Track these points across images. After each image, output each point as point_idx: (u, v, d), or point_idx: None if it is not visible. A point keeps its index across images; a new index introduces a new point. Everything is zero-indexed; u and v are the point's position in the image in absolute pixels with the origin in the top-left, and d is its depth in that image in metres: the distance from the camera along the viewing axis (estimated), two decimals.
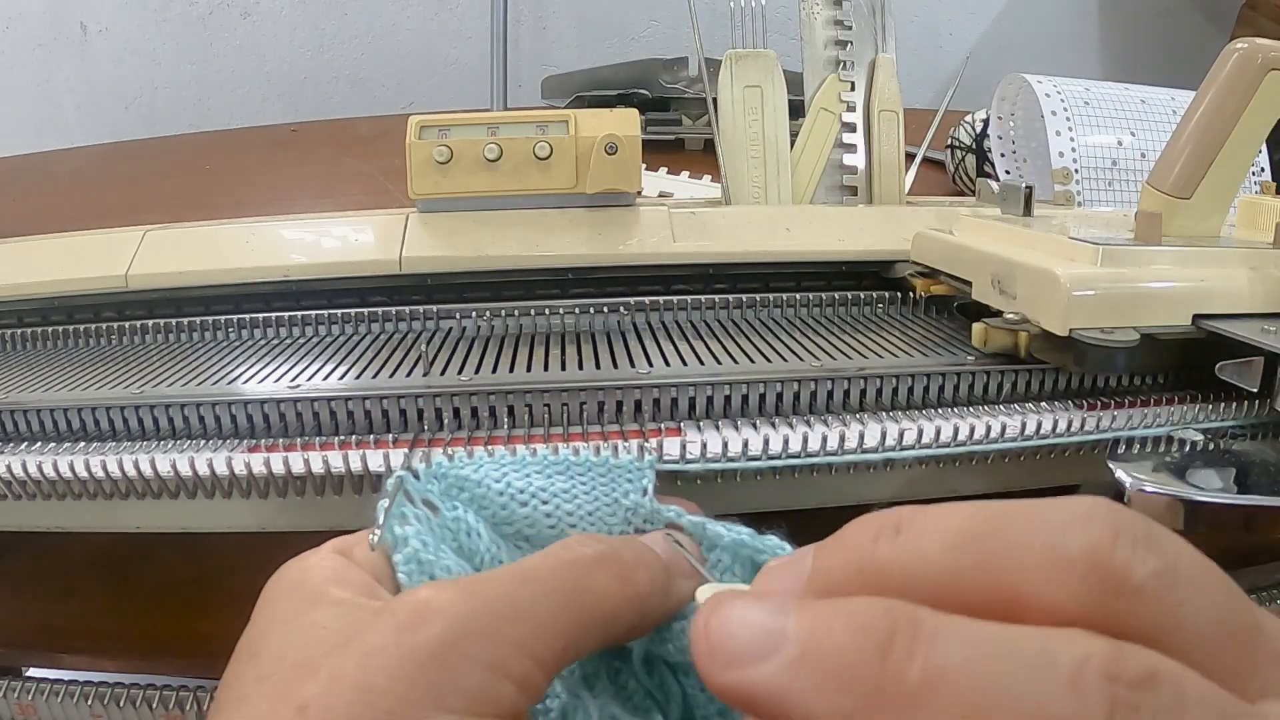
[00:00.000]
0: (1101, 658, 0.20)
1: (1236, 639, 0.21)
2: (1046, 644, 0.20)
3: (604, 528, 0.35)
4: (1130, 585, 0.21)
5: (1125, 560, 0.21)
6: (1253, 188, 0.90)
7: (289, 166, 1.40)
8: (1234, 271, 0.52)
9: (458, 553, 0.32)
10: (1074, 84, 0.98)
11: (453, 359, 0.55)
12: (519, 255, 0.66)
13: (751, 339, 0.58)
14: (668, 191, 1.10)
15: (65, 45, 1.84)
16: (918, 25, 1.99)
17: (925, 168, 0.89)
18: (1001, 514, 0.22)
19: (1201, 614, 0.21)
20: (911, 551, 0.23)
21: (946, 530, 0.22)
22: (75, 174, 1.41)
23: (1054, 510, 0.22)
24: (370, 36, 1.89)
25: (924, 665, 0.20)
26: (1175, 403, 0.52)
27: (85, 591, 0.58)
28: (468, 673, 0.24)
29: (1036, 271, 0.51)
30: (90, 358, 0.59)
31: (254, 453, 0.45)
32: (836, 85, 0.78)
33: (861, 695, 0.20)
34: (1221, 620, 0.21)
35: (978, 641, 0.20)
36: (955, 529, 0.22)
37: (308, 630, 0.26)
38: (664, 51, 1.47)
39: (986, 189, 0.73)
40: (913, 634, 0.21)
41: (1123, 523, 0.21)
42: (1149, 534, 0.21)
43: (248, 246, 0.67)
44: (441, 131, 0.67)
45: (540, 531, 0.35)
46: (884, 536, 0.23)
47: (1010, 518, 0.22)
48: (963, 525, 0.22)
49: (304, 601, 0.28)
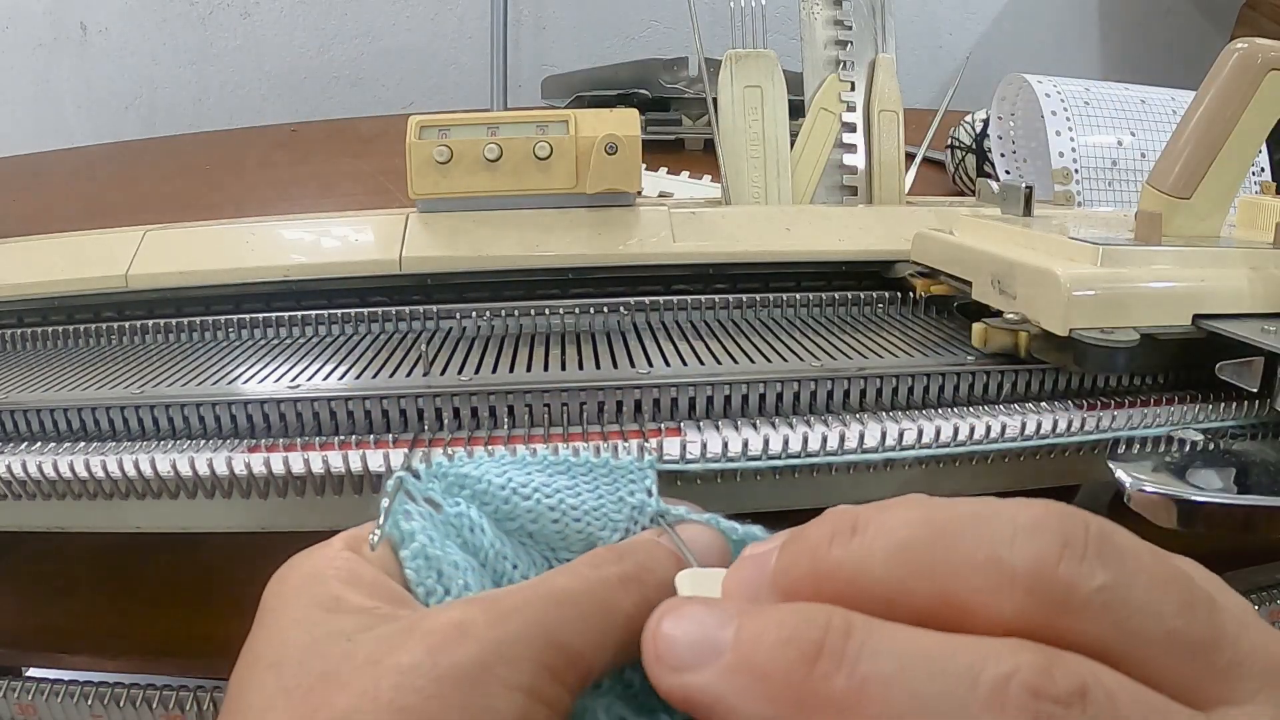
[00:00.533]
0: (1029, 672, 0.20)
1: (1191, 649, 0.21)
2: (975, 658, 0.20)
3: (609, 524, 0.35)
4: (1074, 600, 0.21)
5: (1069, 575, 0.21)
6: (1253, 188, 0.90)
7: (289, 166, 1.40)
8: (1234, 271, 0.52)
9: (462, 548, 0.32)
10: (1074, 84, 0.98)
11: (453, 359, 0.55)
12: (519, 255, 0.66)
13: (751, 339, 0.58)
14: (668, 191, 1.10)
15: (65, 45, 1.84)
16: (918, 25, 1.99)
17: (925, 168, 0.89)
18: (951, 520, 0.22)
19: (1152, 626, 0.21)
20: (862, 557, 0.23)
21: (896, 536, 0.23)
22: (75, 174, 1.41)
23: (1002, 519, 0.22)
24: (370, 37, 1.90)
25: (849, 677, 0.21)
26: (1175, 403, 0.52)
27: (85, 591, 0.58)
28: (501, 695, 0.24)
29: (1036, 271, 0.51)
30: (90, 358, 0.59)
31: (254, 453, 0.45)
32: (836, 85, 0.78)
33: (789, 705, 0.21)
34: (1175, 631, 0.21)
35: (905, 654, 0.21)
36: (904, 537, 0.23)
37: (332, 640, 0.26)
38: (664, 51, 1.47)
39: (986, 189, 0.73)
40: (841, 645, 0.21)
41: (1072, 533, 0.21)
42: (1101, 545, 0.21)
43: (248, 246, 0.67)
44: (442, 131, 0.67)
45: (544, 526, 0.35)
46: (839, 539, 0.23)
47: (959, 525, 0.22)
48: (912, 533, 0.23)
49: (321, 606, 0.27)
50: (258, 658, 0.27)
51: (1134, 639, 0.21)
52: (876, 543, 0.23)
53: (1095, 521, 0.22)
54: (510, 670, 0.24)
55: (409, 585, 0.30)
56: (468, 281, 0.66)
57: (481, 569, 0.32)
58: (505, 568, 0.33)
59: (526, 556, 0.34)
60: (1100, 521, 0.22)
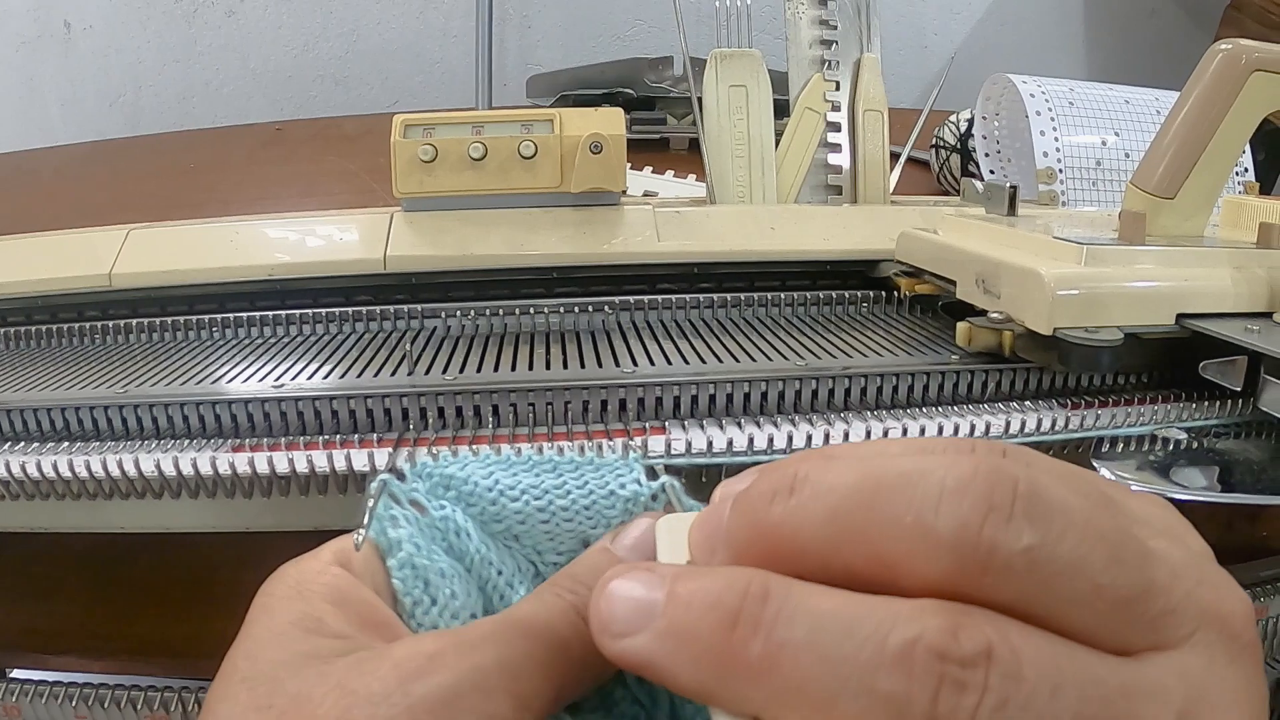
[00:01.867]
0: (934, 635, 0.20)
1: (1120, 602, 0.22)
2: (883, 622, 0.21)
3: (602, 520, 0.35)
4: (997, 562, 0.21)
5: (992, 538, 0.21)
6: (1236, 188, 0.91)
7: (273, 165, 1.40)
8: (1218, 271, 0.52)
9: (448, 553, 0.32)
10: (1058, 84, 0.98)
11: (437, 358, 0.55)
12: (504, 254, 0.66)
13: (736, 338, 0.58)
14: (652, 191, 1.10)
15: (49, 43, 1.84)
16: (903, 25, 1.99)
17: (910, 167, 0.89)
18: (882, 481, 0.23)
19: (1080, 582, 0.21)
20: (799, 518, 0.23)
21: (828, 500, 0.23)
22: (59, 173, 1.40)
23: (932, 480, 0.22)
24: (355, 35, 1.89)
25: (765, 641, 0.21)
26: (1159, 402, 0.52)
27: (70, 592, 0.57)
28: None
29: (1021, 271, 0.51)
30: (74, 357, 0.58)
31: (238, 452, 0.45)
32: (821, 85, 0.78)
33: (712, 667, 0.22)
34: (1103, 586, 0.21)
35: (817, 619, 0.21)
36: (836, 500, 0.23)
37: (307, 662, 0.26)
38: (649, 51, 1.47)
39: (971, 189, 0.73)
40: (758, 611, 0.22)
41: (999, 495, 0.22)
42: (1029, 504, 0.22)
43: (232, 245, 0.67)
44: (426, 130, 0.67)
45: (532, 528, 0.34)
46: (779, 498, 0.24)
47: (890, 486, 0.22)
48: (843, 497, 0.23)
49: (301, 626, 0.27)
50: (235, 670, 0.27)
51: (1059, 596, 0.21)
52: (812, 505, 0.23)
53: (1025, 478, 0.22)
54: (478, 699, 0.25)
55: (396, 594, 0.30)
56: (452, 281, 0.66)
57: (467, 575, 0.32)
58: (490, 574, 0.33)
59: (512, 561, 0.34)
60: (1032, 478, 0.22)
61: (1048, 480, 0.22)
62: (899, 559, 0.22)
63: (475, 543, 0.33)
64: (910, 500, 0.22)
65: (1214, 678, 0.22)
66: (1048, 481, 0.22)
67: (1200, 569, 0.23)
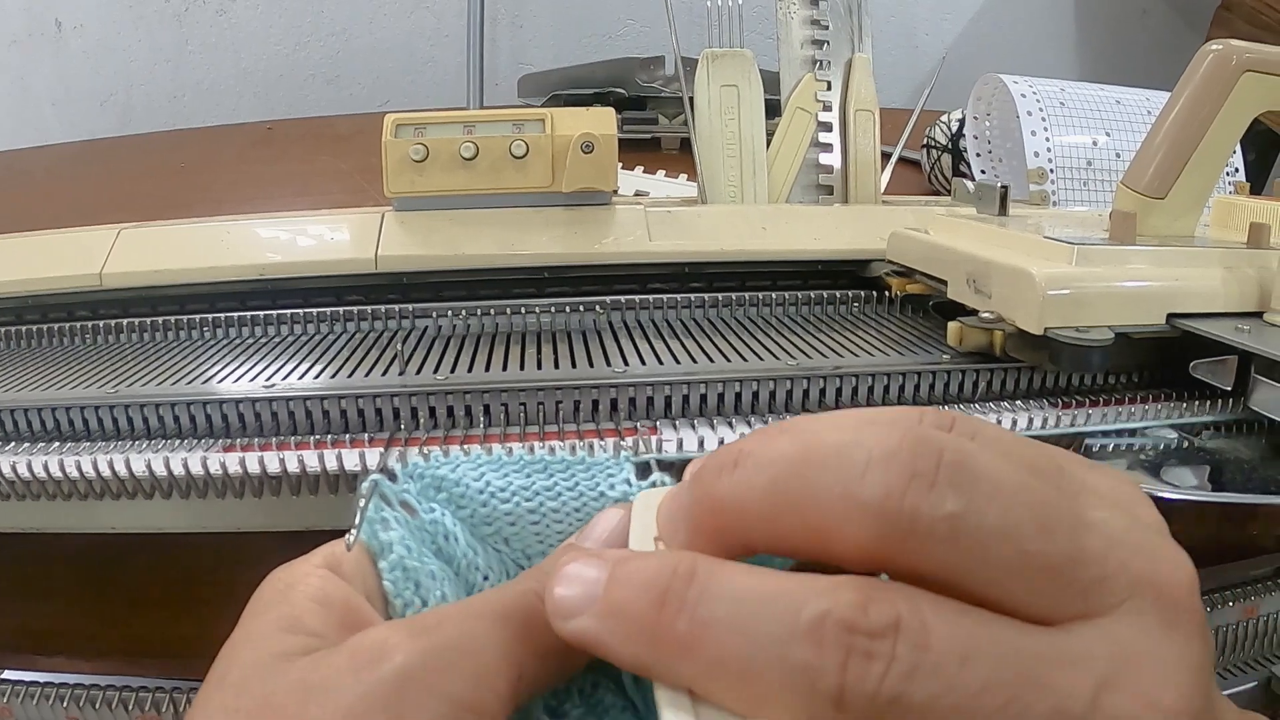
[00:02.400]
0: (844, 609, 0.21)
1: (1049, 570, 0.22)
2: (798, 598, 0.22)
3: None
4: (919, 529, 0.22)
5: (914, 506, 0.22)
6: (1227, 188, 0.91)
7: (265, 165, 1.40)
8: (1208, 271, 0.53)
9: (437, 555, 0.32)
10: (1049, 84, 0.99)
11: (428, 358, 0.55)
12: (495, 254, 0.66)
13: (728, 338, 0.59)
14: (644, 190, 1.10)
15: (40, 42, 1.83)
16: (894, 25, 1.99)
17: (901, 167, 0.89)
18: (815, 453, 0.23)
19: (1006, 550, 0.22)
20: (742, 492, 0.24)
21: (767, 473, 0.24)
22: (50, 172, 1.40)
23: (861, 450, 0.23)
24: (347, 34, 1.89)
25: (690, 618, 0.23)
26: (1149, 401, 0.52)
27: (61, 593, 0.57)
28: (426, 704, 0.25)
29: (1012, 271, 0.51)
30: (64, 357, 0.58)
31: (229, 452, 0.45)
32: (813, 85, 0.79)
33: (645, 644, 0.23)
34: (1030, 554, 0.22)
35: (739, 596, 0.23)
36: (773, 473, 0.24)
37: (275, 662, 0.26)
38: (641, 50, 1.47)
39: (962, 188, 0.73)
40: (683, 590, 0.23)
41: (923, 463, 0.22)
42: (954, 473, 0.22)
43: (223, 245, 0.67)
44: (418, 130, 0.67)
45: (523, 530, 0.34)
46: (724, 472, 0.25)
47: (822, 458, 0.23)
48: (779, 469, 0.24)
49: (279, 625, 0.28)
50: (213, 672, 0.27)
51: (984, 564, 0.22)
52: (753, 478, 0.24)
53: (952, 448, 0.22)
54: (433, 678, 0.25)
55: (387, 596, 0.30)
56: (443, 280, 0.66)
57: (455, 578, 0.32)
58: (476, 579, 0.33)
59: (499, 565, 0.34)
60: (959, 447, 0.22)
61: (979, 450, 0.23)
62: (830, 528, 0.23)
63: (462, 546, 0.33)
64: (839, 471, 0.23)
65: (1145, 645, 0.22)
66: (978, 451, 0.23)
67: (1142, 538, 0.24)
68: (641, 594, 0.24)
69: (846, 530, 0.22)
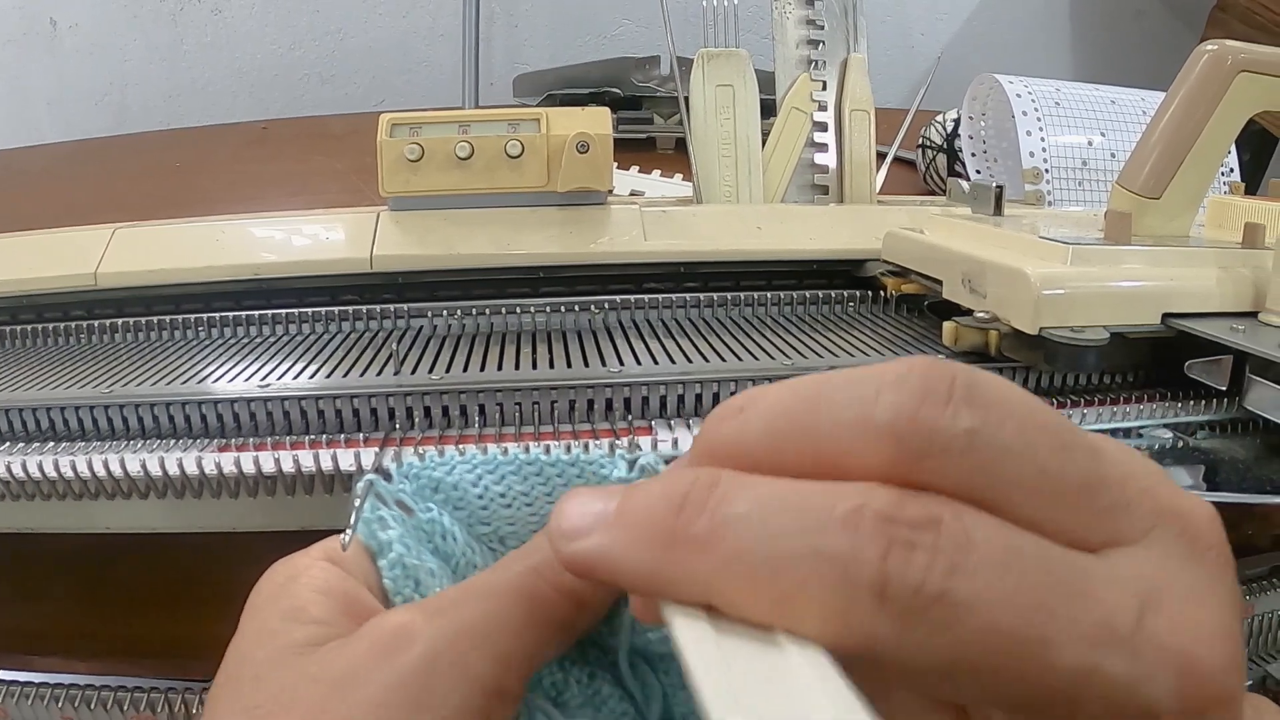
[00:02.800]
0: (882, 502, 0.20)
1: (1069, 490, 0.22)
2: (830, 494, 0.21)
3: None
4: (937, 444, 0.21)
5: (931, 420, 0.21)
6: (1222, 188, 0.91)
7: (260, 164, 1.39)
8: (1203, 271, 0.53)
9: (434, 554, 0.32)
10: (1045, 84, 0.99)
11: (423, 358, 0.55)
12: (490, 254, 0.66)
13: (723, 337, 0.59)
14: (639, 190, 1.10)
15: (35, 41, 1.83)
16: (889, 25, 1.99)
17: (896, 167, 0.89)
18: (824, 385, 0.23)
19: (1025, 467, 0.21)
20: (743, 430, 0.24)
21: (774, 407, 0.24)
22: (45, 171, 1.40)
23: (870, 378, 0.22)
24: (342, 34, 1.89)
25: (710, 518, 0.22)
26: (1145, 401, 0.52)
27: (55, 593, 0.57)
28: (449, 689, 0.25)
29: (1007, 270, 0.52)
30: (59, 357, 0.58)
31: (224, 452, 0.45)
32: (808, 84, 0.79)
33: (659, 547, 0.22)
34: (1050, 471, 0.21)
35: (764, 496, 0.22)
36: (779, 408, 0.23)
37: (286, 655, 0.26)
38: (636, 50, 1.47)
39: (957, 188, 0.73)
40: (705, 495, 0.22)
41: (933, 381, 0.22)
42: (968, 391, 0.22)
43: (218, 245, 0.66)
44: (413, 129, 0.66)
45: (520, 530, 0.35)
46: (728, 417, 0.24)
47: (830, 389, 0.23)
48: (786, 403, 0.23)
49: (284, 616, 0.27)
50: (225, 670, 0.27)
51: (1004, 480, 0.21)
52: (758, 418, 0.24)
53: (964, 372, 0.22)
54: (454, 663, 0.25)
55: (387, 594, 0.30)
56: (439, 280, 0.66)
57: (454, 576, 0.32)
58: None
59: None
60: (970, 372, 0.22)
61: (987, 377, 0.22)
62: (841, 453, 0.22)
63: (460, 545, 0.33)
64: (851, 396, 0.22)
65: (1175, 574, 0.22)
66: (987, 377, 0.22)
67: (1157, 474, 0.23)
68: (658, 502, 0.23)
69: (860, 454, 0.22)
